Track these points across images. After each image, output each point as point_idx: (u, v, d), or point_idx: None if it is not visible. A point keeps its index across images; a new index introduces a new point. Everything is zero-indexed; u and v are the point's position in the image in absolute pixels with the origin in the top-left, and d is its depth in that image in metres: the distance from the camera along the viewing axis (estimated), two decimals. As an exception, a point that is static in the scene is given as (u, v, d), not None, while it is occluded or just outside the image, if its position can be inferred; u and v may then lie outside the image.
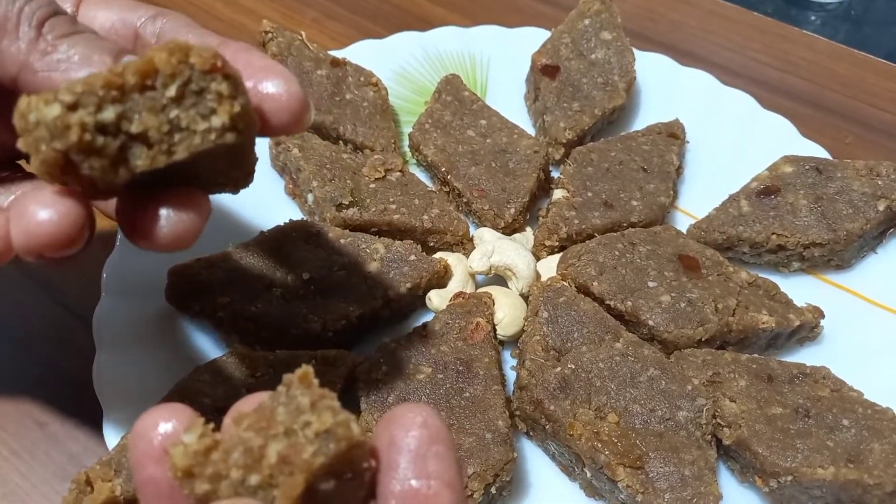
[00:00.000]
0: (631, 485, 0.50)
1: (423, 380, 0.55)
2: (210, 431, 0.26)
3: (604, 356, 0.56)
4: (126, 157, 0.32)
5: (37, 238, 0.34)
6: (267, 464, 0.25)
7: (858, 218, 0.65)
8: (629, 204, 0.68)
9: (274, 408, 0.26)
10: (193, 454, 0.25)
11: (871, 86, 0.89)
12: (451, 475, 0.26)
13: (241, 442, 0.25)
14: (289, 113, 0.36)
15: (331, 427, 0.25)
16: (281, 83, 0.36)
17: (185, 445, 0.25)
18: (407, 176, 0.70)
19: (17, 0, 0.36)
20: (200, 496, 0.25)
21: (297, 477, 0.24)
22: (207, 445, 0.25)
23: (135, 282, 0.61)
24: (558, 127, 0.74)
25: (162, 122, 0.31)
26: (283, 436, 0.25)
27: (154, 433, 0.27)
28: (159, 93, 0.31)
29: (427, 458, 0.26)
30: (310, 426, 0.25)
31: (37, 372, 0.61)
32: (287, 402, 0.26)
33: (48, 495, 0.54)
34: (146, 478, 0.27)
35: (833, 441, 0.52)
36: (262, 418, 0.26)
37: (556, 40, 0.80)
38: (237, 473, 0.25)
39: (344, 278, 0.61)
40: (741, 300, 0.60)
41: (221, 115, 0.32)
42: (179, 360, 0.57)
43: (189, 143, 0.32)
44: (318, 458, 0.25)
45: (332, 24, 0.94)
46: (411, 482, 0.26)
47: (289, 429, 0.25)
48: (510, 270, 0.63)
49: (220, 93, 0.32)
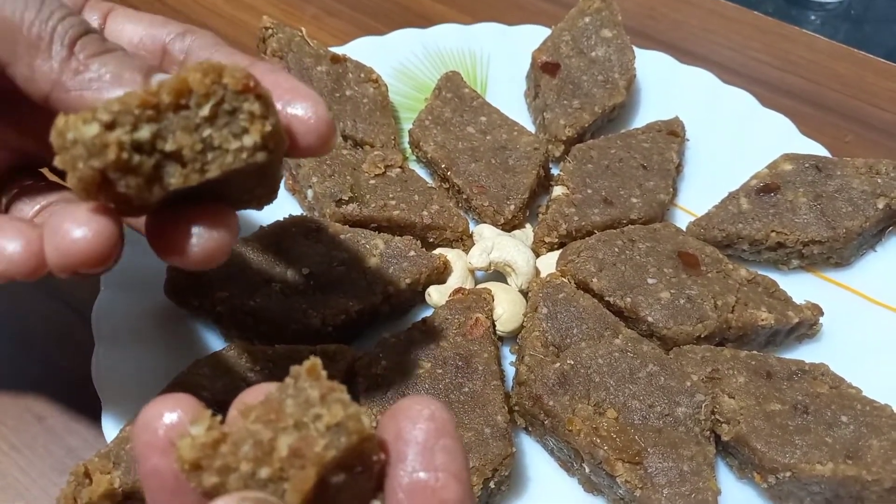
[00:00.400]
0: (629, 480, 0.50)
1: (422, 375, 0.55)
2: (217, 423, 0.26)
3: (603, 352, 0.56)
4: (160, 175, 0.32)
5: (72, 256, 0.34)
6: (277, 457, 0.24)
7: (858, 216, 0.65)
8: (629, 201, 0.68)
9: (282, 400, 0.26)
10: (201, 446, 0.25)
11: (871, 85, 0.90)
12: (458, 467, 0.26)
13: (250, 435, 0.25)
14: (316, 135, 0.36)
15: (342, 420, 0.25)
16: (309, 106, 0.37)
17: (193, 437, 0.25)
18: (407, 172, 0.70)
19: (50, 19, 0.37)
20: (208, 489, 0.25)
21: (308, 470, 0.24)
22: (216, 438, 0.25)
23: (134, 276, 0.61)
24: (558, 124, 0.74)
25: (195, 140, 0.32)
26: (293, 429, 0.25)
27: (159, 423, 0.27)
28: (193, 112, 0.32)
29: (435, 451, 0.26)
30: (321, 419, 0.25)
31: (35, 366, 0.61)
32: (296, 395, 0.26)
33: (47, 489, 0.54)
34: (150, 469, 0.27)
35: (832, 437, 0.52)
36: (271, 410, 0.25)
37: (557, 38, 0.80)
38: (247, 466, 0.24)
39: (343, 274, 0.61)
40: (740, 297, 0.60)
41: (253, 135, 0.32)
42: (178, 355, 0.57)
43: (222, 161, 0.32)
44: (330, 451, 0.24)
45: (332, 21, 0.94)
46: (419, 474, 0.26)
47: (299, 421, 0.25)
48: (509, 267, 0.63)
49: (252, 112, 0.32)
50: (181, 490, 0.26)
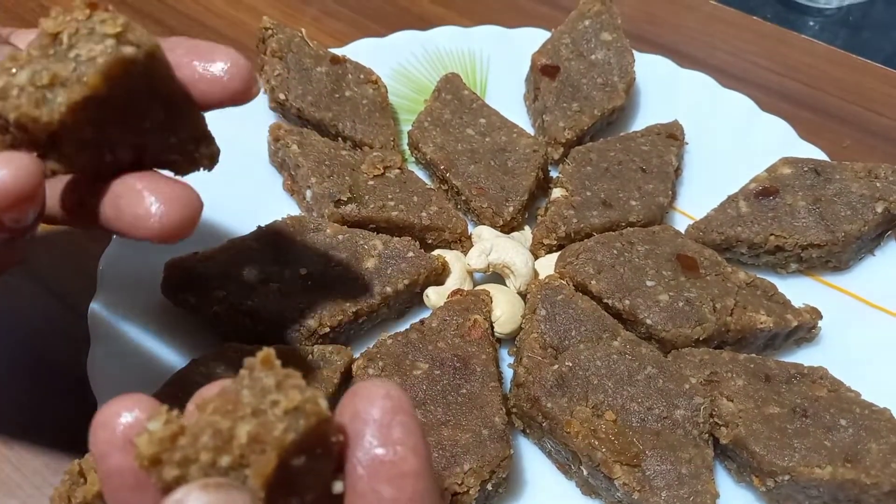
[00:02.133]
0: (628, 483, 0.49)
1: (419, 376, 0.55)
2: (175, 418, 0.26)
3: (601, 354, 0.56)
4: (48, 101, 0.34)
5: None
6: (237, 444, 0.25)
7: (857, 220, 0.65)
8: (628, 204, 0.68)
9: (238, 391, 0.26)
10: (159, 441, 0.25)
11: (870, 90, 0.90)
12: (415, 441, 0.27)
13: (208, 425, 0.25)
14: (239, 80, 0.39)
15: (299, 404, 0.26)
16: (227, 57, 0.39)
17: (151, 433, 0.25)
18: (406, 173, 0.70)
19: None
20: (169, 482, 0.25)
21: (269, 454, 0.25)
22: (174, 431, 0.25)
23: (131, 275, 0.61)
24: (557, 127, 0.74)
25: (68, 66, 0.34)
26: (250, 416, 0.25)
27: (116, 422, 0.27)
28: (61, 49, 0.35)
29: (391, 427, 0.27)
30: (278, 405, 0.26)
31: (31, 364, 0.61)
32: (252, 385, 0.26)
33: (40, 487, 0.54)
34: (110, 468, 0.27)
35: (830, 441, 0.52)
36: (228, 402, 0.26)
37: (557, 40, 0.80)
38: (207, 456, 0.25)
39: (341, 274, 0.60)
40: (739, 300, 0.60)
41: (109, 28, 0.34)
42: (174, 354, 0.56)
43: (95, 68, 0.34)
44: (289, 434, 0.25)
45: (332, 23, 0.94)
46: (377, 450, 0.27)
47: (256, 409, 0.26)
48: (508, 268, 0.63)
49: (103, 20, 0.35)
50: (141, 487, 0.27)
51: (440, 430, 0.52)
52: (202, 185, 0.69)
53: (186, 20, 0.93)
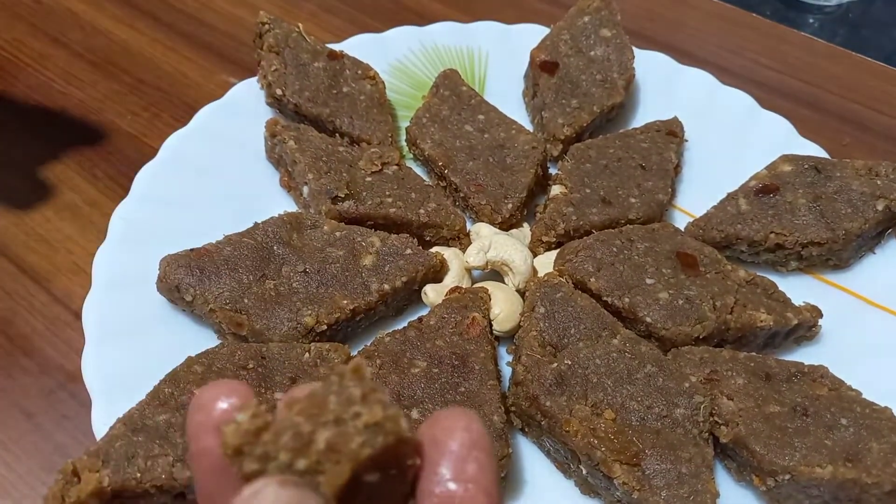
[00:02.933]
0: (627, 482, 0.49)
1: (417, 374, 0.54)
2: (263, 412, 0.26)
3: (601, 352, 0.55)
4: None
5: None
6: (315, 450, 0.25)
7: (857, 217, 0.65)
8: (627, 201, 0.67)
9: (326, 396, 0.26)
10: (244, 433, 0.26)
11: (869, 88, 0.89)
12: (488, 481, 0.27)
13: (291, 426, 0.26)
14: None
15: (380, 420, 0.26)
16: None
17: (238, 423, 0.26)
18: (403, 170, 0.69)
19: None
20: (248, 474, 0.26)
21: (343, 465, 0.25)
22: (259, 426, 0.26)
23: (125, 273, 0.60)
24: (556, 123, 0.73)
25: None
26: (332, 424, 0.26)
27: (213, 406, 0.28)
28: None
29: (467, 462, 0.27)
30: (360, 417, 0.26)
31: (25, 362, 0.60)
32: (339, 392, 0.26)
33: (34, 486, 0.53)
34: (201, 448, 0.28)
35: (831, 440, 0.52)
36: (314, 405, 0.26)
37: (556, 37, 0.79)
38: (285, 456, 0.25)
39: (339, 271, 0.60)
40: (739, 298, 0.60)
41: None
42: (170, 352, 0.56)
43: None
44: (366, 448, 0.25)
45: (330, 19, 0.93)
46: (449, 484, 0.27)
47: (339, 417, 0.26)
48: (507, 266, 0.62)
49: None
50: (225, 473, 0.27)
51: (438, 429, 0.51)
52: (196, 178, 0.69)
53: (183, 16, 0.92)
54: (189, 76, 0.85)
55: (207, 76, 0.85)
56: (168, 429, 0.49)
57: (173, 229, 0.64)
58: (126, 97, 0.82)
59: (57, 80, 0.83)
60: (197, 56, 0.87)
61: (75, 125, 0.79)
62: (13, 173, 0.73)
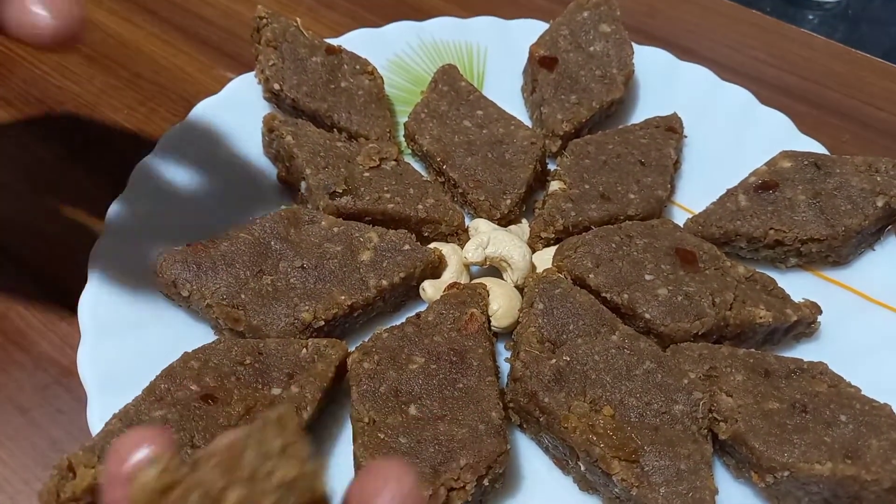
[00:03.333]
0: (626, 478, 0.49)
1: (415, 370, 0.54)
2: (175, 467, 0.26)
3: (599, 349, 0.55)
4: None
5: None
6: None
7: (857, 214, 0.64)
8: (626, 197, 0.67)
9: (244, 448, 0.26)
10: (151, 491, 0.25)
11: (869, 84, 0.89)
12: None
13: (202, 483, 0.25)
14: None
15: (295, 478, 0.25)
16: None
17: (144, 483, 0.25)
18: (402, 165, 0.69)
19: None
20: None
21: None
22: (166, 483, 0.25)
23: (122, 268, 0.60)
24: (555, 119, 0.73)
25: None
26: (246, 481, 0.25)
27: (128, 455, 0.27)
28: None
29: None
30: (274, 475, 0.25)
31: (20, 357, 0.60)
32: (258, 445, 0.26)
33: (29, 481, 0.53)
34: (111, 500, 0.27)
35: (830, 437, 0.51)
36: (232, 457, 0.25)
37: (555, 32, 0.79)
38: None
39: (336, 267, 0.60)
40: (738, 294, 0.60)
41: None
42: (167, 347, 0.55)
43: None
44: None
45: (328, 13, 0.93)
46: None
47: (253, 474, 0.25)
48: (505, 261, 0.62)
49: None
50: None
51: (436, 425, 0.51)
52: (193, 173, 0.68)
53: (180, 10, 0.91)
54: (186, 71, 0.84)
55: (205, 71, 0.84)
56: (163, 425, 0.49)
57: (170, 224, 0.64)
58: (123, 92, 0.81)
59: (53, 75, 0.82)
60: (194, 50, 0.86)
61: (71, 120, 0.78)
62: (8, 168, 0.73)
